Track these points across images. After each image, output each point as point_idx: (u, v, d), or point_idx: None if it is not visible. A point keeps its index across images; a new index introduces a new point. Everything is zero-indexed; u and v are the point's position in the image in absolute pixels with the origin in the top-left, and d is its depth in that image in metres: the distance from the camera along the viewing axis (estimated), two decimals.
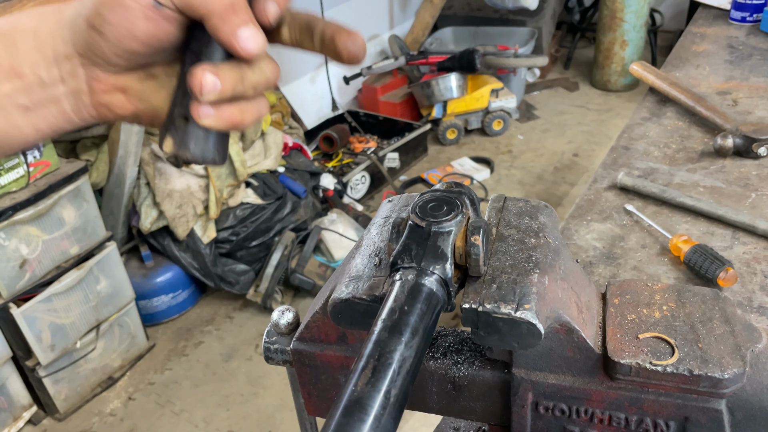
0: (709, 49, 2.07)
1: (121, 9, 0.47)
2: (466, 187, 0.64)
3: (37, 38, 0.51)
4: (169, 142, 0.51)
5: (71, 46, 0.51)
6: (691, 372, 0.60)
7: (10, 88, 0.51)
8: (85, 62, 0.52)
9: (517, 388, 0.67)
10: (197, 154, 0.51)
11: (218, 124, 0.50)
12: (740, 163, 1.43)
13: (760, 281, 1.08)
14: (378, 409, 0.45)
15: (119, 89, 0.53)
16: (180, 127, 0.51)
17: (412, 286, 0.55)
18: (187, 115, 0.50)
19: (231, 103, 0.50)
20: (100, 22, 0.48)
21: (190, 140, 0.51)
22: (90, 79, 0.52)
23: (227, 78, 0.49)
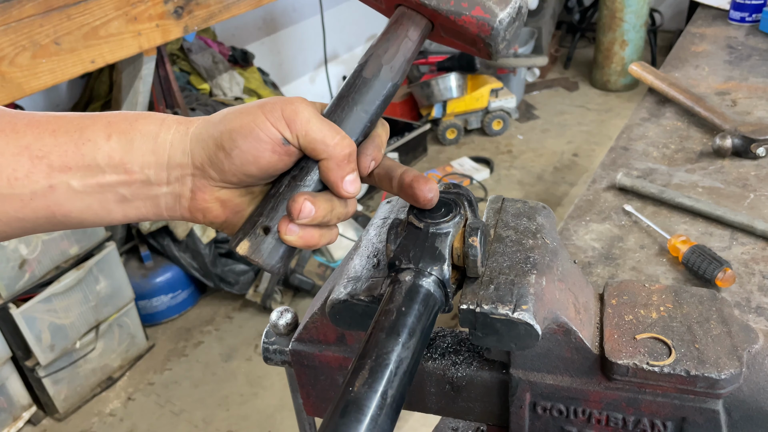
0: (708, 49, 2.07)
1: (253, 139, 0.53)
2: (464, 188, 0.64)
3: (156, 143, 0.55)
4: (245, 246, 0.57)
5: (189, 158, 0.56)
6: (688, 372, 0.60)
7: (115, 180, 0.55)
8: (197, 173, 0.56)
9: (515, 389, 0.67)
10: (268, 263, 0.57)
11: (297, 242, 0.56)
12: (739, 163, 1.43)
13: (759, 282, 1.09)
14: (375, 410, 0.46)
15: (219, 201, 0.58)
16: (260, 236, 0.57)
17: (410, 288, 0.55)
18: (269, 227, 0.57)
19: (314, 227, 0.57)
20: (231, 146, 0.54)
21: (266, 250, 0.57)
22: (196, 188, 0.57)
23: (321, 209, 0.56)
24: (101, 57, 2.00)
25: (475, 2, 0.56)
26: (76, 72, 1.95)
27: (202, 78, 3.34)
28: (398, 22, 0.60)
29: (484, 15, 0.56)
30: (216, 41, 3.55)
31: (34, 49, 1.83)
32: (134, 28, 2.06)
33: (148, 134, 0.55)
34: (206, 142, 0.55)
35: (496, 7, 0.56)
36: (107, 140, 0.54)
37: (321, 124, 0.55)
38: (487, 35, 0.57)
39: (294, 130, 0.54)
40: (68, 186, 0.54)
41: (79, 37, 1.92)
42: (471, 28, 0.57)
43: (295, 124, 0.54)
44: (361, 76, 0.59)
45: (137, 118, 0.56)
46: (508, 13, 0.56)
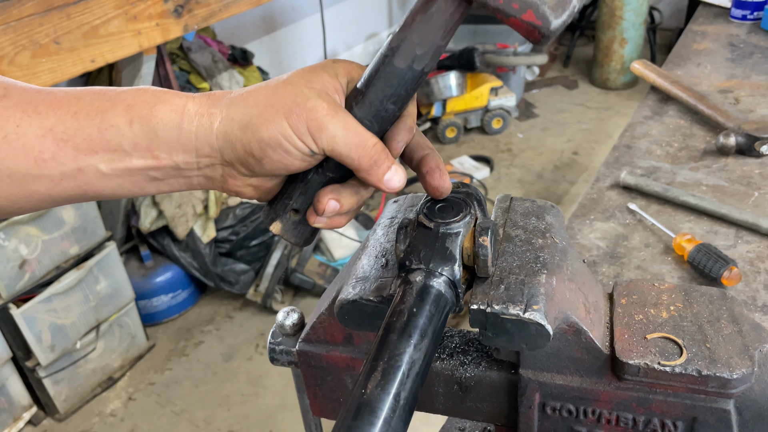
0: (710, 47, 2.07)
1: (283, 151, 0.54)
2: (473, 187, 0.64)
3: (180, 134, 0.54)
4: (277, 226, 0.61)
5: (218, 154, 0.55)
6: (700, 372, 0.59)
7: (144, 164, 0.55)
8: (226, 164, 0.56)
9: (524, 389, 0.67)
10: (299, 241, 0.62)
11: (325, 227, 0.60)
12: (743, 161, 1.43)
13: (764, 280, 1.08)
14: (388, 413, 0.45)
15: (250, 186, 0.59)
16: (290, 218, 0.61)
17: (421, 288, 0.55)
18: (298, 209, 0.60)
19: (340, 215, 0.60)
20: (262, 156, 0.54)
21: (296, 230, 0.62)
22: (227, 174, 0.58)
23: (346, 203, 0.58)
24: (101, 56, 1.99)
25: (527, 4, 0.49)
26: (76, 71, 1.95)
27: (202, 77, 3.33)
28: None
29: (536, 21, 0.49)
30: (215, 40, 3.54)
31: (33, 49, 1.82)
32: (134, 27, 2.05)
33: (170, 123, 0.54)
34: (234, 146, 0.54)
35: (551, 14, 0.49)
36: (129, 126, 0.53)
37: (346, 137, 0.54)
38: (536, 40, 0.51)
39: (320, 145, 0.54)
40: (96, 169, 0.54)
41: (78, 36, 1.92)
42: (520, 31, 0.51)
43: (322, 140, 0.54)
44: (392, 64, 0.54)
45: (156, 102, 0.55)
46: (563, 21, 0.50)
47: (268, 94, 0.55)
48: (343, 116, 0.55)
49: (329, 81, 0.57)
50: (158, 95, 0.56)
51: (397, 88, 0.55)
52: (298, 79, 0.56)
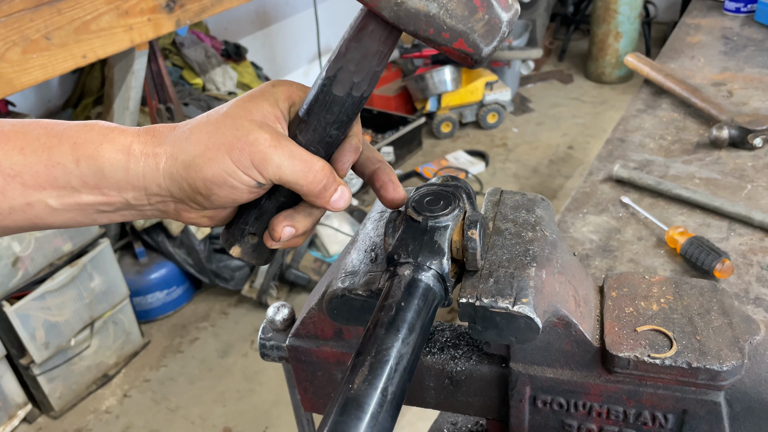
0: (703, 40, 2.07)
1: (229, 188, 0.55)
2: (462, 180, 0.64)
3: (128, 175, 0.54)
4: (237, 250, 0.63)
5: (167, 192, 0.56)
6: (690, 364, 0.59)
7: (93, 200, 0.55)
8: (178, 202, 0.57)
9: (515, 383, 0.67)
10: (259, 261, 0.65)
11: (281, 247, 0.61)
12: (736, 154, 1.43)
13: (757, 272, 1.08)
14: (375, 407, 0.45)
15: (205, 218, 0.60)
16: (248, 241, 0.63)
17: (409, 282, 0.55)
18: (255, 233, 0.62)
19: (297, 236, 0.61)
20: (209, 194, 0.55)
21: (255, 252, 0.64)
22: (179, 209, 0.58)
23: (301, 226, 0.60)
24: (92, 52, 1.98)
25: (457, 33, 0.50)
26: (67, 67, 1.93)
27: (195, 72, 3.32)
28: (366, 27, 0.54)
29: (466, 49, 0.51)
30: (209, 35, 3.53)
31: (24, 44, 1.81)
32: (125, 22, 2.04)
33: (116, 164, 0.54)
34: (181, 185, 0.55)
35: (482, 42, 0.50)
36: (77, 164, 0.53)
37: (292, 165, 0.55)
38: (471, 64, 0.53)
39: (266, 176, 0.55)
40: (46, 204, 0.54)
41: (69, 31, 1.90)
42: (453, 57, 0.53)
43: (267, 171, 0.54)
44: (332, 93, 0.56)
45: (102, 141, 0.54)
46: (494, 47, 0.51)
47: (210, 130, 0.54)
48: (286, 145, 0.55)
49: (269, 110, 0.57)
50: (104, 133, 0.55)
51: (338, 115, 0.57)
52: (238, 111, 0.55)
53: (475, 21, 0.50)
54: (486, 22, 0.50)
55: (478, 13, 0.50)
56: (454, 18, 0.50)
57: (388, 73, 4.64)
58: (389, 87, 4.61)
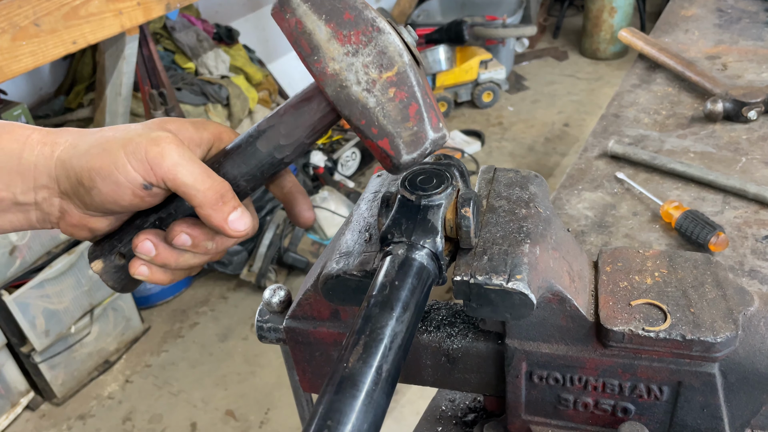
0: (697, 13, 2.05)
1: (112, 182, 0.51)
2: (455, 159, 0.63)
3: (20, 164, 0.53)
4: (98, 265, 0.58)
5: (55, 183, 0.53)
6: (684, 337, 0.60)
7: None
8: (64, 197, 0.54)
9: (511, 359, 0.67)
10: (116, 286, 0.60)
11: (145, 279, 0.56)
12: (730, 127, 1.43)
13: (752, 245, 1.09)
14: (370, 385, 0.45)
15: (87, 228, 0.56)
16: (114, 261, 0.58)
17: (403, 261, 0.55)
18: (125, 255, 0.58)
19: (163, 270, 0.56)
20: (91, 185, 0.51)
21: (117, 275, 0.59)
22: (63, 210, 0.55)
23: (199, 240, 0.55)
24: (83, 37, 1.96)
25: (385, 133, 0.53)
26: (57, 53, 1.92)
27: (187, 57, 3.29)
28: (310, 101, 0.56)
29: (389, 150, 0.53)
30: (200, 19, 3.49)
31: (13, 32, 1.79)
32: (115, 6, 2.02)
33: (11, 153, 0.53)
34: (68, 173, 0.53)
35: (404, 149, 0.53)
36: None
37: (191, 168, 0.51)
38: (389, 167, 0.55)
39: (159, 174, 0.51)
40: None
41: (59, 17, 1.88)
42: (374, 153, 0.54)
43: (161, 168, 0.51)
44: (255, 145, 0.56)
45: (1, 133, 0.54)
46: (413, 158, 0.53)
47: (120, 128, 0.53)
48: (188, 152, 0.52)
49: (191, 132, 0.55)
50: (7, 128, 0.54)
51: (253, 168, 0.57)
52: (157, 122, 0.55)
53: (404, 128, 0.53)
54: (413, 133, 0.53)
55: (409, 122, 0.52)
56: (386, 118, 0.52)
57: None
58: None
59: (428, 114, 0.53)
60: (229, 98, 3.23)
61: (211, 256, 0.58)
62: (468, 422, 0.83)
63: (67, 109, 2.95)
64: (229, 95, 3.23)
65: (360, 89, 0.52)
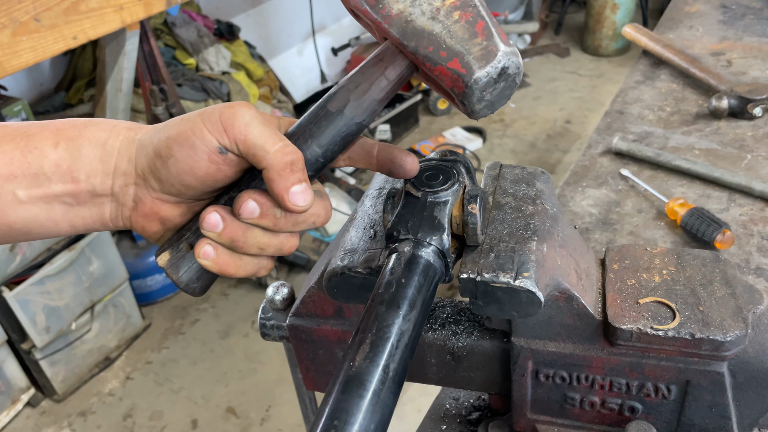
0: (701, 9, 2.04)
1: (189, 148, 0.51)
2: (461, 155, 0.63)
3: (104, 150, 0.53)
4: (164, 258, 0.55)
5: (133, 166, 0.54)
6: (693, 335, 0.59)
7: (61, 190, 0.53)
8: (140, 182, 0.54)
9: (517, 357, 0.66)
10: (183, 280, 0.55)
11: (211, 267, 0.53)
12: (735, 124, 1.42)
13: (757, 243, 1.08)
14: (377, 384, 0.44)
15: (159, 218, 0.56)
16: (181, 251, 0.55)
17: (409, 258, 0.54)
18: (192, 244, 0.55)
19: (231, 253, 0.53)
20: (168, 154, 0.51)
21: (183, 267, 0.55)
22: (137, 197, 0.55)
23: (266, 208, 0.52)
24: (83, 33, 1.95)
25: (454, 53, 0.51)
26: (57, 49, 1.90)
27: (188, 53, 3.28)
28: (379, 56, 0.55)
29: (460, 69, 0.51)
30: (200, 14, 3.48)
31: (13, 27, 1.78)
32: (116, 2, 2.01)
33: (96, 141, 0.54)
34: (147, 150, 0.53)
35: (476, 64, 0.50)
36: (55, 148, 0.53)
37: (262, 129, 0.51)
38: (461, 92, 0.52)
39: (232, 136, 0.51)
40: (14, 195, 0.52)
41: (59, 12, 1.87)
42: (446, 81, 0.52)
43: (233, 128, 0.50)
44: (326, 108, 0.55)
45: (87, 124, 0.54)
46: (488, 72, 0.50)
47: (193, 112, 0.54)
48: (262, 117, 0.52)
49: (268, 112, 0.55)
50: (92, 120, 0.55)
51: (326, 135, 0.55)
52: None
53: (473, 44, 0.51)
54: (483, 47, 0.51)
55: (478, 38, 0.51)
56: (454, 38, 0.51)
57: None
58: None
59: (496, 30, 0.52)
60: (229, 94, 3.22)
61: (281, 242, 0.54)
62: (473, 421, 0.83)
63: (68, 105, 2.94)
64: (229, 91, 3.22)
65: (425, 19, 0.52)
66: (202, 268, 0.54)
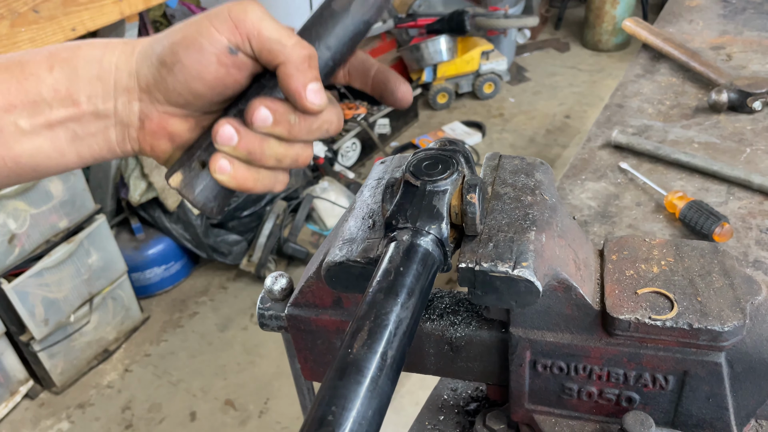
0: (702, 3, 2.04)
1: (196, 50, 0.48)
2: (461, 144, 0.63)
3: (101, 68, 0.51)
4: (177, 178, 0.52)
5: (135, 80, 0.51)
6: (691, 326, 0.59)
7: (63, 115, 0.51)
8: (144, 97, 0.52)
9: (515, 347, 0.66)
10: (199, 200, 0.52)
11: (228, 182, 0.50)
12: (735, 118, 1.41)
13: (756, 236, 1.08)
14: (375, 371, 0.44)
15: (167, 134, 0.53)
16: (195, 170, 0.52)
17: (408, 247, 0.54)
18: (206, 161, 0.51)
19: (248, 166, 0.51)
20: (173, 61, 0.49)
21: (198, 185, 0.52)
22: (143, 115, 0.52)
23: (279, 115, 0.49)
24: (82, 24, 1.94)
25: None
26: (56, 40, 1.90)
27: None
28: None
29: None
30: (199, 7, 3.47)
31: (12, 18, 1.77)
32: None
33: (91, 59, 0.51)
34: (150, 60, 0.50)
35: None
36: (50, 71, 0.51)
37: (276, 24, 0.49)
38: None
39: (244, 31, 0.48)
40: (16, 126, 0.51)
41: (58, 4, 1.86)
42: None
43: (245, 23, 0.48)
44: (330, 7, 0.52)
45: (80, 45, 0.52)
46: None
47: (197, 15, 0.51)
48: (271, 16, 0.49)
49: None
50: (85, 40, 0.53)
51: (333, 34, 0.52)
52: None
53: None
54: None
55: None
56: None
57: (383, 44, 4.58)
58: (384, 58, 4.55)
59: None
60: None
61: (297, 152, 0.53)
62: (470, 411, 0.83)
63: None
64: None
65: None
66: (218, 184, 0.52)
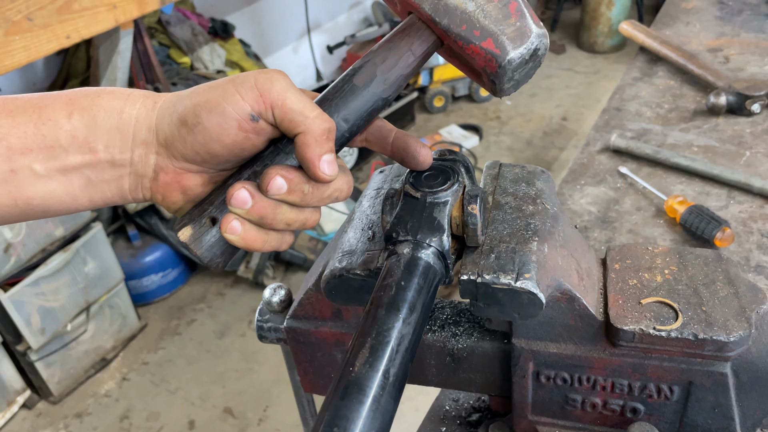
0: (698, 5, 2.03)
1: (218, 114, 0.49)
2: (460, 154, 0.62)
3: (121, 119, 0.52)
4: (186, 233, 0.53)
5: (154, 135, 0.52)
6: (696, 336, 0.58)
7: (79, 161, 0.52)
8: (161, 151, 0.53)
9: (517, 359, 0.65)
10: (206, 256, 0.54)
11: (237, 242, 0.52)
12: (734, 121, 1.41)
13: (757, 240, 1.07)
14: (377, 390, 0.43)
15: (180, 187, 0.54)
16: (205, 226, 0.53)
17: (409, 260, 0.53)
18: (216, 219, 0.53)
19: (258, 228, 0.52)
20: (195, 122, 0.50)
21: (207, 242, 0.53)
22: (159, 167, 0.53)
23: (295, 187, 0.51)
24: (76, 32, 1.93)
25: (488, 33, 0.52)
26: (51, 48, 1.89)
27: (182, 51, 3.26)
28: (405, 31, 0.55)
29: (494, 50, 0.52)
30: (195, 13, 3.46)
31: (6, 26, 1.76)
32: (109, 0, 1.99)
33: (112, 110, 0.52)
34: (171, 117, 0.51)
35: (509, 45, 0.51)
36: (68, 118, 0.51)
37: (300, 95, 0.51)
38: (493, 72, 0.53)
39: (269, 100, 0.50)
40: (31, 170, 0.51)
41: (52, 11, 1.85)
42: (478, 60, 0.53)
43: (270, 94, 0.50)
44: (352, 82, 0.54)
45: (100, 93, 0.53)
46: (520, 54, 0.52)
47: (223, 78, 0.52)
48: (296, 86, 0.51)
49: None
50: (105, 89, 0.54)
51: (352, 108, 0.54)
52: None
53: (507, 25, 0.52)
54: (517, 29, 0.52)
55: (511, 19, 0.52)
56: (488, 18, 0.52)
57: None
58: None
59: (529, 11, 0.52)
60: None
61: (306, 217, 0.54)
62: (473, 422, 0.82)
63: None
64: None
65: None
66: (226, 242, 0.53)
